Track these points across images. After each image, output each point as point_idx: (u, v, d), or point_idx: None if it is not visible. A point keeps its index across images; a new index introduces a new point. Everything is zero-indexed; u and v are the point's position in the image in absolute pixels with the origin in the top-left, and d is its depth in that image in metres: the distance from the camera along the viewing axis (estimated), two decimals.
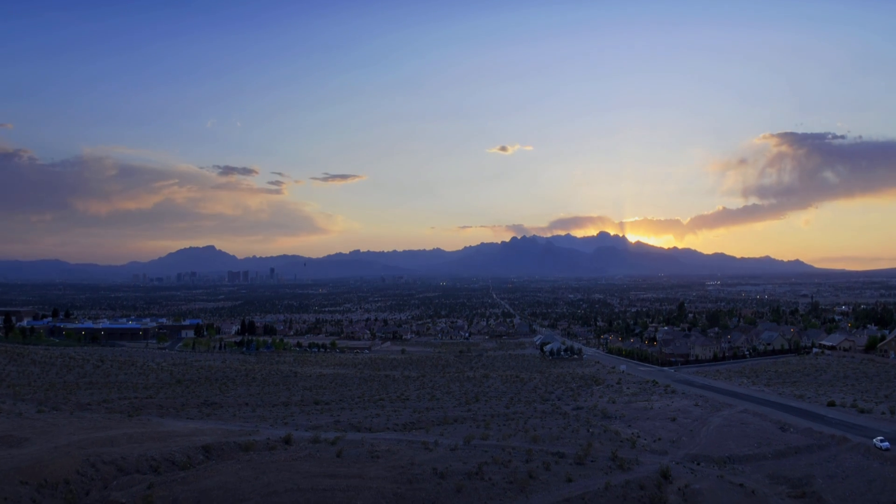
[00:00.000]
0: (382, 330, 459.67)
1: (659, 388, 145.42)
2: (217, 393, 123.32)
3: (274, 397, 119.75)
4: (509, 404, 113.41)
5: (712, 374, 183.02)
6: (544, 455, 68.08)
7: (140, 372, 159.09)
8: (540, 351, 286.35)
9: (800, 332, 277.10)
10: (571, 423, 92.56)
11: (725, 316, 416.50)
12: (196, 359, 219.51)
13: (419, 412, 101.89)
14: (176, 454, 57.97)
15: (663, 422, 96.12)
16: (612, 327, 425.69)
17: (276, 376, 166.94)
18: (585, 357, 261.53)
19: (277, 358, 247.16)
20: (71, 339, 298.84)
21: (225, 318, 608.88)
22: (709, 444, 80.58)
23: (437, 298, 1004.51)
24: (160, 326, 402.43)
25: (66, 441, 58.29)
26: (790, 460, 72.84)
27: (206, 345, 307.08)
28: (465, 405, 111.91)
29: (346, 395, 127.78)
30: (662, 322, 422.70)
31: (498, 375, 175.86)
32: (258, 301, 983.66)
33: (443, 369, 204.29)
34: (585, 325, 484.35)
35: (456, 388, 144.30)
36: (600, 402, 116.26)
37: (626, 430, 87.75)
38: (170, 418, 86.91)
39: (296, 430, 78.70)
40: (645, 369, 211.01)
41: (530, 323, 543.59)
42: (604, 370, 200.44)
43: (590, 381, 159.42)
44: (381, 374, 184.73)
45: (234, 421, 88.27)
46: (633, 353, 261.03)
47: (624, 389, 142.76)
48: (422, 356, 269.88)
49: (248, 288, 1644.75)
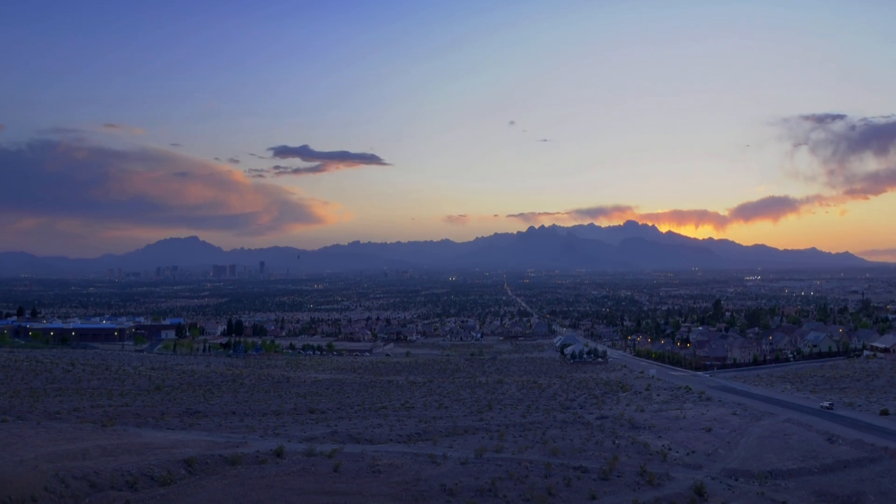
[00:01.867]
0: (385, 330, 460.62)
1: (692, 394, 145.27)
2: (201, 400, 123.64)
3: (264, 405, 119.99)
4: (526, 413, 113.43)
5: (752, 380, 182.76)
6: (565, 469, 67.98)
7: (115, 377, 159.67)
8: (560, 354, 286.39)
9: (849, 333, 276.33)
10: (595, 434, 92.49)
11: (766, 315, 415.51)
12: (177, 362, 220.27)
13: (426, 422, 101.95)
14: (155, 469, 58.04)
15: (697, 432, 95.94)
16: (640, 327, 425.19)
17: (267, 382, 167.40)
18: (611, 360, 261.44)
19: (268, 361, 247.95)
20: (38, 341, 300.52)
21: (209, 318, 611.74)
22: (748, 457, 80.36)
23: (445, 295, 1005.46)
24: (137, 326, 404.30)
25: (33, 454, 58.39)
26: (838, 475, 72.52)
27: (188, 347, 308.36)
28: (477, 414, 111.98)
29: (344, 402, 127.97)
30: (696, 321, 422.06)
31: (513, 381, 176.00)
32: (246, 298, 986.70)
33: (452, 374, 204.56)
34: (610, 325, 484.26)
35: (467, 395, 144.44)
36: (627, 411, 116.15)
37: (656, 442, 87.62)
38: (148, 428, 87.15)
39: (288, 441, 78.78)
40: (677, 374, 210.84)
41: (549, 322, 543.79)
42: (631, 375, 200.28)
43: (615, 388, 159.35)
44: (383, 379, 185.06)
45: (219, 432, 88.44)
46: (664, 356, 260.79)
47: (654, 396, 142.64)
48: (429, 359, 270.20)
49: (235, 283, 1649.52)
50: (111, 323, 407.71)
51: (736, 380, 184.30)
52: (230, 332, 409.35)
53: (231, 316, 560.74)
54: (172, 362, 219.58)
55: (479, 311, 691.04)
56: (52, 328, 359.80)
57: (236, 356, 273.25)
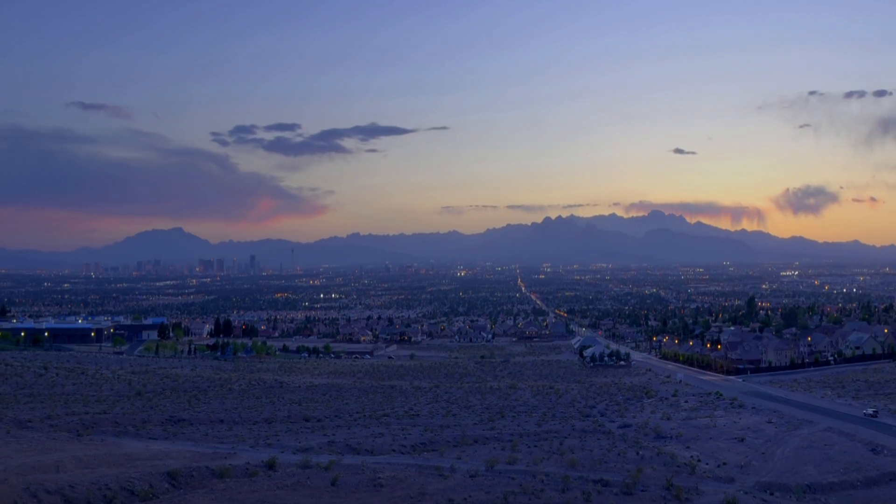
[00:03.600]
0: (387, 331, 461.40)
1: (724, 401, 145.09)
2: (186, 407, 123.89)
3: (255, 412, 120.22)
4: (541, 421, 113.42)
5: (789, 385, 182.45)
6: (584, 483, 67.90)
7: (92, 382, 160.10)
8: (579, 356, 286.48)
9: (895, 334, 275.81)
10: (617, 444, 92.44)
11: (805, 314, 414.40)
12: (160, 366, 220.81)
13: (432, 431, 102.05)
14: (135, 482, 58.15)
15: (729, 442, 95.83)
16: (666, 327, 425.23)
17: (258, 387, 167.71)
18: (634, 363, 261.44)
19: (259, 365, 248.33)
20: (7, 342, 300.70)
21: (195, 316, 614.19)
22: (785, 469, 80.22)
23: (453, 292, 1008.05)
24: (116, 326, 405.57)
25: (2, 467, 58.55)
26: (884, 489, 72.37)
27: (172, 349, 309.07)
28: (488, 422, 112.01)
29: (342, 409, 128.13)
30: (728, 321, 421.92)
31: (528, 386, 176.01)
32: (236, 295, 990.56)
33: (461, 379, 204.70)
34: (634, 325, 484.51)
35: (477, 401, 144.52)
36: (652, 419, 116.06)
37: (684, 453, 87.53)
38: (128, 438, 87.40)
39: (281, 452, 78.92)
40: (707, 378, 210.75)
41: (567, 322, 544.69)
42: (657, 379, 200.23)
43: (640, 393, 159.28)
44: (385, 384, 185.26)
45: (206, 441, 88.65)
46: (693, 359, 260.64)
47: (681, 403, 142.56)
48: (435, 363, 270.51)
49: (223, 279, 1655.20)
50: (88, 323, 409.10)
51: (771, 385, 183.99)
52: (218, 332, 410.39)
53: (219, 315, 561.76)
54: (155, 365, 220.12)
55: (490, 310, 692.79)
56: (23, 328, 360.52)
57: (224, 359, 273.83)
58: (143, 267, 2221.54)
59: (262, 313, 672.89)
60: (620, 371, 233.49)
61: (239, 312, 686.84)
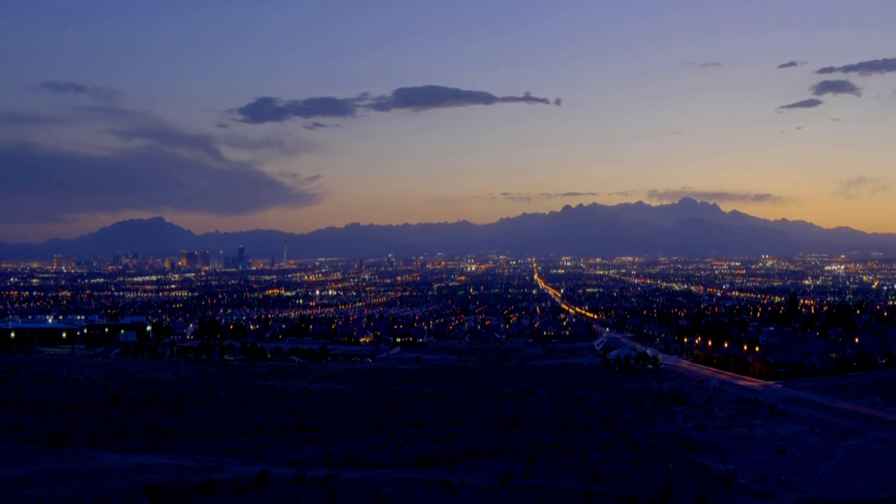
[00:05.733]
0: (390, 331, 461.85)
1: (763, 408, 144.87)
2: (167, 416, 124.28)
3: (244, 422, 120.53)
4: (561, 431, 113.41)
5: (835, 391, 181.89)
6: (608, 499, 67.91)
7: (64, 387, 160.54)
8: (602, 359, 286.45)
9: None
10: (645, 457, 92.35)
11: (852, 312, 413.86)
12: (139, 370, 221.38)
13: (440, 442, 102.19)
14: (112, 498, 58.24)
15: (769, 454, 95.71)
16: (698, 327, 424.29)
17: (247, 393, 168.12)
18: (663, 367, 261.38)
19: (249, 369, 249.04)
20: None
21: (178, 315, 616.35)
22: (830, 484, 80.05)
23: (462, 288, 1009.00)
24: (91, 327, 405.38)
25: None
26: None
27: (152, 351, 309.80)
28: (502, 432, 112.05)
29: (340, 418, 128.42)
30: (767, 320, 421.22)
31: (546, 392, 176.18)
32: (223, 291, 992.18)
33: (471, 384, 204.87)
34: (663, 325, 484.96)
35: (489, 409, 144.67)
36: (683, 429, 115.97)
37: (719, 466, 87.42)
38: (104, 450, 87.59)
39: (273, 465, 79.05)
40: (744, 384, 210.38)
41: (589, 322, 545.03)
42: (688, 385, 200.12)
43: (669, 400, 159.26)
44: (387, 390, 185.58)
45: (190, 454, 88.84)
46: (728, 363, 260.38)
47: (715, 411, 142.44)
48: (443, 366, 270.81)
49: (209, 274, 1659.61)
50: (59, 322, 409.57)
51: (815, 391, 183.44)
52: (203, 332, 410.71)
53: (204, 313, 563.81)
54: (133, 370, 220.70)
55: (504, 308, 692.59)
56: None
57: (210, 362, 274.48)
58: (121, 260, 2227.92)
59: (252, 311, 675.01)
60: (648, 376, 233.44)
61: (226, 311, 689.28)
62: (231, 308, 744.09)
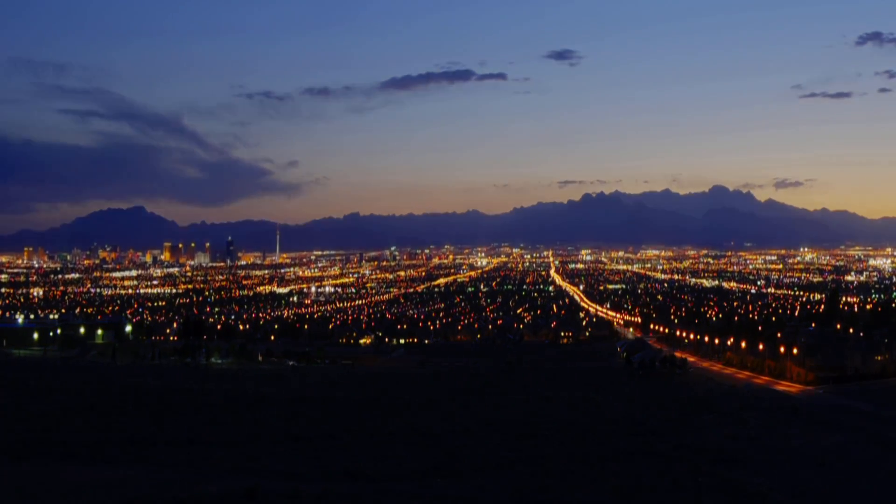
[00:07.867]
0: (392, 331, 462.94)
1: (800, 416, 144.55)
2: (149, 424, 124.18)
3: (233, 431, 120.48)
4: (579, 441, 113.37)
5: (880, 397, 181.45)
6: None
7: (35, 393, 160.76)
8: (625, 362, 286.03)
9: None
10: (671, 469, 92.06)
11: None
12: (118, 373, 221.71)
13: (446, 453, 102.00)
14: None
15: (807, 467, 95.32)
16: (730, 327, 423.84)
17: (237, 400, 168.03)
18: (692, 371, 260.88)
19: (238, 372, 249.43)
20: None
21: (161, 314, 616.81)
22: (874, 500, 79.82)
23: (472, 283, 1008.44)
24: (65, 326, 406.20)
25: None
26: None
27: (132, 353, 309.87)
28: (514, 442, 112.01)
29: (337, 427, 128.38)
30: (805, 320, 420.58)
31: (562, 398, 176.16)
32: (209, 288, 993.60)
33: (482, 389, 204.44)
34: (691, 324, 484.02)
35: (500, 416, 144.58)
36: (714, 438, 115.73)
37: (753, 480, 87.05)
38: (79, 462, 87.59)
39: (265, 478, 79.19)
40: (780, 389, 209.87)
41: (611, 322, 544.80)
42: (719, 390, 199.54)
43: (698, 407, 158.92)
44: (389, 395, 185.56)
45: (173, 466, 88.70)
46: (763, 366, 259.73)
47: (749, 419, 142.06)
48: (451, 370, 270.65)
49: (194, 268, 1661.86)
50: (30, 322, 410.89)
51: (858, 397, 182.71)
52: (188, 333, 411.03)
53: (189, 312, 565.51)
54: (112, 373, 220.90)
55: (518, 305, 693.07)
56: None
57: (196, 365, 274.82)
58: (98, 254, 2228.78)
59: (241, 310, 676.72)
60: (675, 380, 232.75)
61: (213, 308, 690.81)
62: (219, 305, 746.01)
